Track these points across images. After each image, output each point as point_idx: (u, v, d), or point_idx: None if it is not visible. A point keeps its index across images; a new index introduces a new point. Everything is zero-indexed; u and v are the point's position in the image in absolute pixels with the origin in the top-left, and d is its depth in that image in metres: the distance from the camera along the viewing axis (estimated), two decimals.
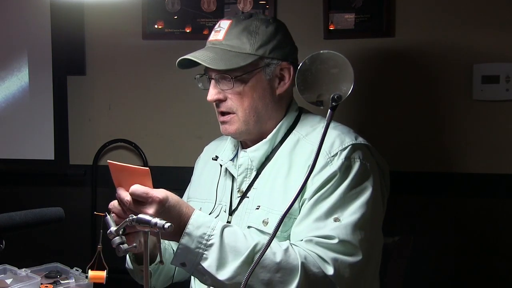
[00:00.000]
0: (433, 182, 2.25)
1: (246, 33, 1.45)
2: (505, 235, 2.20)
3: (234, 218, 1.49)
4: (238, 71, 1.42)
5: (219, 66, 1.41)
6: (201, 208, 1.56)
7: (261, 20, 1.48)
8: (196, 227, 1.27)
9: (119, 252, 1.18)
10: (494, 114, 2.18)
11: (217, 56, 1.43)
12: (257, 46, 1.44)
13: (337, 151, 1.39)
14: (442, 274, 2.24)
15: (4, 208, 1.32)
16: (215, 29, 1.51)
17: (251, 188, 1.48)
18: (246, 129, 1.47)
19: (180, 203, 1.29)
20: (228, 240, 1.27)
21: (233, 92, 1.44)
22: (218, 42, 1.47)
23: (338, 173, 1.36)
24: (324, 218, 1.32)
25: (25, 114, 2.59)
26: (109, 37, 2.48)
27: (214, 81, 1.46)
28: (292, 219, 1.38)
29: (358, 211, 1.33)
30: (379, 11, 2.22)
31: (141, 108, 2.50)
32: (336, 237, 1.29)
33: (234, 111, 1.46)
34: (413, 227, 2.17)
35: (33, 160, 2.60)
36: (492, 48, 2.15)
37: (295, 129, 1.50)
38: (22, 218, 1.24)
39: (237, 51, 1.43)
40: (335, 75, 1.08)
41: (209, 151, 1.71)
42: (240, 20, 1.47)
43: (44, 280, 1.47)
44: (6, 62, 2.58)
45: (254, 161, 1.49)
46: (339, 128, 1.47)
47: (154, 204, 1.23)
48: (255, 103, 1.45)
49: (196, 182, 1.68)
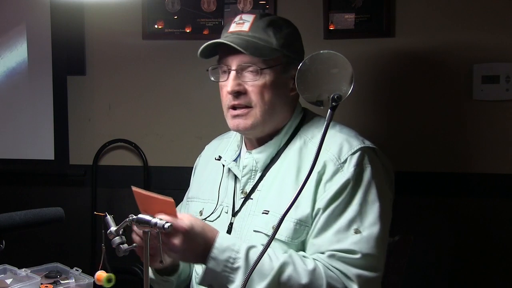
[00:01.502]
0: (433, 182, 2.25)
1: (272, 28, 1.43)
2: (505, 235, 2.20)
3: (237, 219, 1.48)
4: (263, 63, 1.40)
5: (253, 53, 1.38)
6: (203, 208, 1.56)
7: (282, 19, 1.49)
8: (221, 251, 1.27)
9: (119, 252, 1.18)
10: (494, 114, 2.18)
11: (248, 44, 1.39)
12: (282, 42, 1.42)
13: (347, 156, 1.38)
14: (442, 274, 2.24)
15: (4, 208, 1.32)
16: (235, 21, 1.46)
17: (255, 190, 1.47)
18: (262, 125, 1.44)
19: (204, 228, 1.29)
20: (253, 262, 1.27)
21: (255, 85, 1.41)
22: (244, 33, 1.43)
23: (351, 181, 1.35)
24: (344, 230, 1.32)
25: (25, 114, 2.59)
26: (109, 37, 2.48)
27: (235, 72, 1.42)
28: (304, 226, 1.37)
29: (377, 222, 1.34)
30: (379, 11, 2.22)
31: (141, 108, 2.50)
32: (358, 252, 1.30)
33: (252, 105, 1.43)
34: (413, 227, 2.17)
35: (33, 160, 2.60)
36: (492, 48, 2.15)
37: (301, 131, 1.49)
38: (22, 218, 1.24)
39: (264, 43, 1.41)
40: (335, 75, 1.08)
41: (210, 150, 1.69)
42: (263, 15, 1.46)
43: (44, 280, 1.46)
44: (6, 62, 2.58)
45: (259, 163, 1.47)
46: (345, 131, 1.46)
47: (179, 234, 1.24)
48: (274, 99, 1.43)
49: (197, 182, 1.67)
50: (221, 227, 1.46)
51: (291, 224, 1.36)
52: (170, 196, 1.24)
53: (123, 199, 2.54)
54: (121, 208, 2.50)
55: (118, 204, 2.54)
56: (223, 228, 1.47)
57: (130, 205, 2.72)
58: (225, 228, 1.47)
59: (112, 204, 2.55)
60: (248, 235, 1.42)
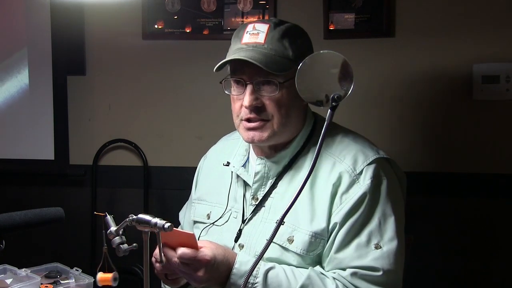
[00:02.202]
0: (433, 182, 2.25)
1: (288, 39, 1.38)
2: (505, 235, 2.20)
3: (247, 226, 1.45)
4: (282, 77, 1.36)
5: (274, 69, 1.33)
6: (210, 212, 1.54)
7: (295, 27, 1.44)
8: (240, 276, 1.28)
9: (119, 252, 1.18)
10: (494, 114, 2.18)
11: (267, 59, 1.34)
12: (297, 53, 1.38)
13: (363, 168, 1.36)
14: (442, 274, 2.24)
15: (4, 208, 1.32)
16: (248, 32, 1.40)
17: (268, 197, 1.44)
18: (277, 137, 1.41)
19: (226, 256, 1.29)
20: (272, 286, 1.28)
21: (272, 99, 1.37)
22: (260, 46, 1.36)
23: (368, 194, 1.34)
24: (364, 245, 1.32)
25: (25, 114, 2.59)
26: (109, 37, 2.48)
27: (252, 86, 1.37)
28: (319, 239, 1.35)
29: (396, 236, 1.34)
30: (379, 11, 2.22)
31: (141, 108, 2.50)
32: (380, 269, 1.30)
33: (269, 118, 1.39)
34: (413, 227, 2.17)
35: (33, 160, 2.60)
36: (492, 48, 2.15)
37: (314, 139, 1.46)
38: (22, 218, 1.24)
39: (281, 56, 1.36)
40: (335, 75, 1.08)
41: (216, 152, 1.66)
42: (277, 24, 1.41)
43: (44, 280, 1.47)
44: (6, 62, 2.59)
45: (272, 170, 1.45)
46: (358, 141, 1.44)
47: (203, 267, 1.25)
48: (290, 111, 1.40)
49: (204, 184, 1.63)
50: (229, 232, 1.45)
51: (307, 236, 1.34)
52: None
53: (123, 199, 2.55)
54: (121, 208, 2.50)
55: (118, 204, 2.54)
56: (231, 234, 1.45)
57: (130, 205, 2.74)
58: (234, 234, 1.45)
59: (112, 204, 2.55)
60: (259, 243, 1.40)
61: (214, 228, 1.50)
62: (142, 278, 1.83)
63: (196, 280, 1.26)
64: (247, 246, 1.41)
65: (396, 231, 1.34)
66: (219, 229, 1.49)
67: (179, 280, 1.42)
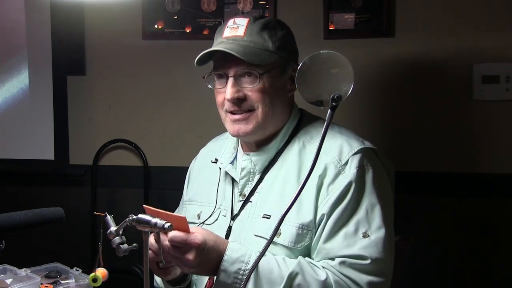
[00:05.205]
0: (433, 182, 2.25)
1: (267, 31, 1.42)
2: (505, 235, 2.20)
3: (236, 223, 1.46)
4: (262, 68, 1.39)
5: (253, 60, 1.37)
6: (201, 212, 1.55)
7: (276, 21, 1.48)
8: (231, 263, 1.28)
9: (119, 252, 1.18)
10: (494, 114, 2.18)
11: (246, 50, 1.38)
12: (278, 45, 1.42)
13: (348, 158, 1.38)
14: (442, 274, 2.24)
15: (4, 208, 1.32)
16: (229, 26, 1.45)
17: (254, 193, 1.46)
18: (262, 128, 1.43)
19: (218, 242, 1.29)
20: (263, 272, 1.28)
21: (254, 89, 1.40)
22: (240, 38, 1.41)
23: (353, 184, 1.35)
24: (352, 234, 1.32)
25: (25, 114, 2.59)
26: (109, 37, 2.49)
27: (233, 79, 1.41)
28: (307, 231, 1.36)
29: (384, 224, 1.34)
30: (379, 11, 2.22)
31: (141, 108, 2.50)
32: (368, 257, 1.30)
33: (254, 108, 1.42)
34: (413, 227, 2.17)
35: (33, 160, 2.60)
36: (492, 48, 2.15)
37: (299, 133, 1.48)
38: (22, 218, 1.24)
39: (260, 48, 1.41)
40: (335, 75, 1.08)
41: (205, 153, 1.68)
42: (256, 18, 1.45)
43: (44, 280, 1.46)
44: (6, 62, 2.59)
45: (258, 165, 1.46)
46: (343, 132, 1.45)
47: (193, 250, 1.24)
48: (274, 101, 1.42)
49: (194, 185, 1.65)
50: (220, 230, 1.45)
51: (294, 229, 1.35)
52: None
53: (123, 199, 2.55)
54: (121, 208, 2.50)
55: (118, 204, 2.54)
56: (221, 231, 1.46)
57: (130, 205, 2.73)
58: (224, 232, 1.46)
59: (112, 204, 2.55)
60: (248, 239, 1.41)
61: (204, 227, 1.50)
62: (142, 278, 1.83)
63: (187, 264, 1.25)
64: (237, 242, 1.41)
65: (383, 219, 1.34)
66: (209, 228, 1.49)
67: (170, 270, 1.40)
